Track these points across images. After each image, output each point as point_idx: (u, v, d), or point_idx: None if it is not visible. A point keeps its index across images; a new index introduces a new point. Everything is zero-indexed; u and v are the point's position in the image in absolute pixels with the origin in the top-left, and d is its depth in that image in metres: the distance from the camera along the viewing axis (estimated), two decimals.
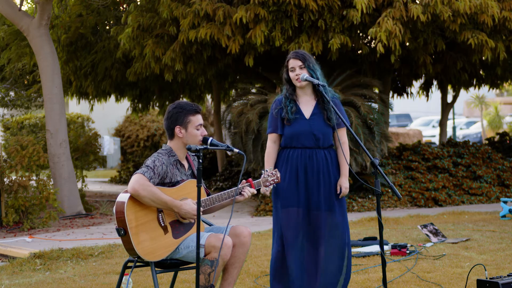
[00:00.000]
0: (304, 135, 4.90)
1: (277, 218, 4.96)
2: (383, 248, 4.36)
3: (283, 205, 4.91)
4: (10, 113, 21.09)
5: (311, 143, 4.90)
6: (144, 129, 23.33)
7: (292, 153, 4.93)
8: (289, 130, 4.93)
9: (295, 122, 4.92)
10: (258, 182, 4.65)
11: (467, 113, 38.17)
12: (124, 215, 4.28)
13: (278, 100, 5.03)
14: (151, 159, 4.44)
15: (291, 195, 4.89)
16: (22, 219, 9.85)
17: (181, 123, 4.53)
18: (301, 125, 4.91)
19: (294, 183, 4.88)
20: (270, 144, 5.02)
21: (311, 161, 4.89)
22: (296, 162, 4.90)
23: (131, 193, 4.32)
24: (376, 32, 9.74)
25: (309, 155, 4.90)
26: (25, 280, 6.29)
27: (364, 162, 10.99)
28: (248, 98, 11.84)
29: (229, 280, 4.51)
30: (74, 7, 13.03)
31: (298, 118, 4.92)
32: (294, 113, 4.92)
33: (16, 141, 11.53)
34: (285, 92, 5.01)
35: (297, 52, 4.96)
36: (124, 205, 4.30)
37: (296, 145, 4.92)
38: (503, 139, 15.93)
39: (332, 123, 4.93)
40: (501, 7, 10.32)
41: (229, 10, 10.17)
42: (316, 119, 4.93)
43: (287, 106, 4.94)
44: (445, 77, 14.51)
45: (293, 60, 4.91)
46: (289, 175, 4.88)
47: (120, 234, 4.31)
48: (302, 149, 4.91)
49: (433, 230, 7.75)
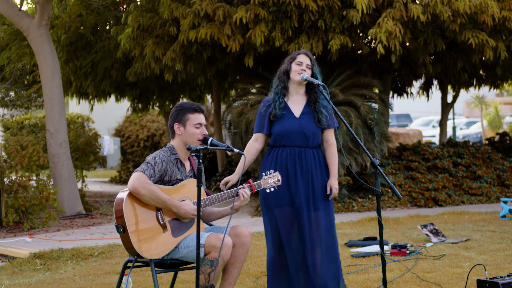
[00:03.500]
0: (294, 134, 4.87)
1: (270, 219, 4.91)
2: (383, 248, 4.35)
3: (277, 204, 4.87)
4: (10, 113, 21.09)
5: (301, 142, 4.88)
6: (144, 129, 23.34)
7: (281, 152, 4.90)
8: (279, 128, 4.90)
9: (285, 120, 4.89)
10: (258, 183, 4.64)
11: (467, 113, 38.17)
12: (123, 212, 4.30)
13: (266, 100, 5.02)
14: (152, 155, 4.48)
15: (283, 194, 4.85)
16: (22, 219, 9.85)
17: (180, 121, 4.56)
18: (291, 124, 4.88)
19: (285, 182, 4.84)
20: (251, 142, 4.99)
21: (300, 160, 4.87)
22: (286, 161, 4.87)
23: (131, 190, 4.33)
24: (376, 32, 9.75)
25: (298, 153, 4.88)
26: (25, 280, 6.29)
27: (364, 162, 10.99)
28: (248, 98, 11.85)
29: (229, 280, 4.51)
30: (74, 7, 13.04)
31: (287, 116, 4.89)
32: (282, 110, 4.90)
33: (16, 141, 11.54)
34: (276, 86, 4.98)
35: (307, 51, 5.01)
36: (123, 202, 4.32)
37: (286, 143, 4.89)
38: (503, 139, 15.93)
39: (322, 124, 4.92)
40: (501, 6, 10.33)
41: (229, 10, 10.18)
42: (306, 118, 4.91)
43: (275, 101, 4.92)
44: (445, 77, 14.52)
45: (305, 56, 4.94)
46: (279, 174, 4.81)
47: (119, 231, 4.33)
48: (291, 148, 4.88)
49: (433, 230, 7.75)
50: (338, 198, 11.23)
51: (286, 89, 4.96)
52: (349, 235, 8.30)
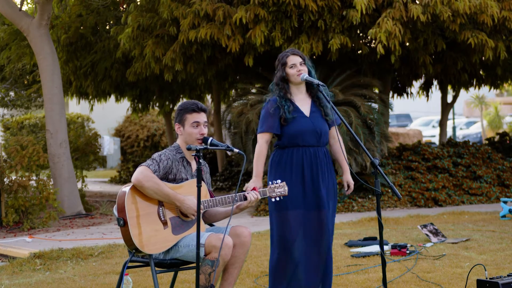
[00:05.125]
0: (308, 133, 4.82)
1: (282, 220, 4.82)
2: (383, 248, 4.35)
3: (292, 207, 4.79)
4: (10, 113, 21.11)
5: (314, 141, 4.84)
6: (144, 129, 23.34)
7: (296, 152, 4.84)
8: (292, 128, 4.83)
9: (296, 121, 4.83)
10: (264, 191, 4.60)
11: (467, 113, 38.16)
12: (125, 204, 4.31)
13: (273, 100, 4.91)
14: (158, 153, 4.50)
15: (298, 196, 4.80)
16: (22, 219, 9.85)
17: (179, 121, 4.60)
18: (303, 123, 4.83)
19: (300, 183, 4.80)
20: (263, 143, 4.87)
21: (316, 159, 4.84)
22: (302, 161, 4.82)
23: (135, 183, 4.34)
24: (376, 33, 9.74)
25: (313, 153, 4.84)
26: (25, 280, 6.29)
27: (364, 162, 10.99)
28: (248, 98, 11.84)
29: (229, 280, 4.51)
30: (74, 7, 13.04)
31: (298, 116, 4.84)
32: (292, 112, 4.84)
33: (16, 141, 11.54)
34: (278, 92, 4.89)
35: (294, 49, 4.94)
36: (125, 195, 4.33)
37: (300, 143, 4.83)
38: (503, 139, 15.92)
39: (330, 119, 4.91)
40: (501, 7, 10.33)
41: (229, 10, 10.18)
42: (316, 116, 4.89)
43: (283, 105, 4.84)
44: (445, 77, 14.51)
45: (294, 56, 4.86)
46: (295, 175, 4.80)
47: (120, 224, 4.34)
48: (305, 148, 4.84)
49: (433, 230, 7.75)
50: (338, 198, 11.23)
51: (288, 93, 4.91)
52: (349, 235, 8.30)
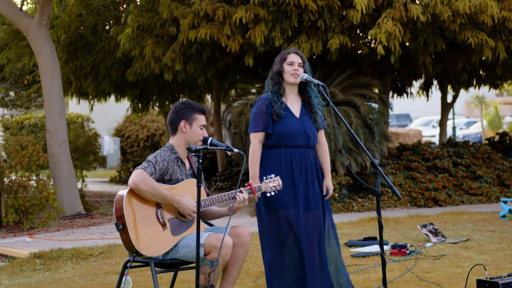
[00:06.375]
0: (297, 134, 4.82)
1: (273, 220, 4.84)
2: (383, 248, 4.35)
3: (282, 206, 4.80)
4: (10, 113, 21.09)
5: (303, 142, 4.84)
6: (144, 129, 23.34)
7: (285, 152, 4.83)
8: (282, 128, 4.81)
9: (286, 120, 4.82)
10: (259, 186, 4.62)
11: (467, 113, 38.15)
12: (123, 208, 4.30)
13: (264, 98, 4.88)
14: (153, 154, 4.48)
15: (288, 195, 4.79)
16: (22, 219, 9.85)
17: (187, 118, 4.56)
18: (293, 124, 4.83)
19: (290, 183, 4.79)
20: (257, 143, 4.85)
21: (305, 161, 4.84)
22: (291, 161, 4.81)
23: (132, 187, 4.33)
24: (376, 33, 9.74)
25: (302, 154, 4.84)
26: (25, 280, 6.29)
27: (364, 162, 10.99)
28: (248, 98, 11.85)
29: (229, 280, 4.51)
30: (74, 7, 13.04)
31: (288, 116, 4.83)
32: (283, 110, 4.82)
33: (16, 141, 11.53)
34: (271, 87, 4.88)
35: (297, 49, 4.94)
36: (123, 200, 4.32)
37: (289, 143, 4.82)
38: (503, 139, 15.93)
39: (317, 125, 4.92)
40: (501, 7, 10.33)
41: (229, 10, 10.18)
42: (305, 118, 4.89)
43: (276, 101, 4.82)
44: (445, 77, 14.52)
45: (295, 55, 4.86)
46: (285, 175, 4.78)
47: (119, 229, 4.32)
48: (295, 148, 4.83)
49: (433, 230, 7.75)
50: (338, 198, 11.23)
51: (282, 89, 4.90)
52: (349, 235, 8.30)
